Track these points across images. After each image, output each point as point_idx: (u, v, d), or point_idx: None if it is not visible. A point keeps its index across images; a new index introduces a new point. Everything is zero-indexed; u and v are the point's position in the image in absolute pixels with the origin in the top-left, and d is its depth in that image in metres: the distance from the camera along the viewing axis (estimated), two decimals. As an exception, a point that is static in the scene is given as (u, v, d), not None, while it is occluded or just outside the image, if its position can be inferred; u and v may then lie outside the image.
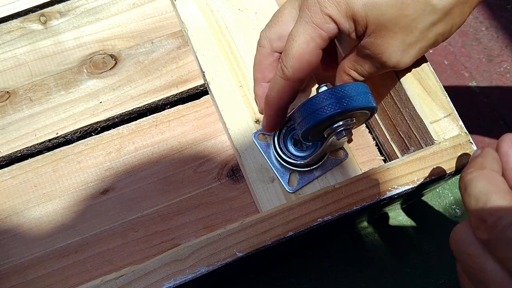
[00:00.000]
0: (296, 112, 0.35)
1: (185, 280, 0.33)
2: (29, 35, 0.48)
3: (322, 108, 0.33)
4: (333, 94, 0.33)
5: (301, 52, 0.34)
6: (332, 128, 0.35)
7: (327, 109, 0.33)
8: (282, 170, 0.41)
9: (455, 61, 1.43)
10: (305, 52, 0.34)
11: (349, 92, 0.33)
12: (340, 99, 0.33)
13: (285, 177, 0.40)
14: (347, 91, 0.33)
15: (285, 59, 0.35)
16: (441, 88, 0.39)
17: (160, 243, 0.42)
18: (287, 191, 0.40)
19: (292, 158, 0.40)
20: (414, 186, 0.35)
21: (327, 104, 0.33)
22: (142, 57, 0.48)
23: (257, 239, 0.34)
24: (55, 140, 0.45)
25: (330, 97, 0.33)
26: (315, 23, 0.33)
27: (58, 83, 0.47)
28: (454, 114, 0.38)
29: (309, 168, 0.40)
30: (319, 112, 0.33)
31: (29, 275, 0.41)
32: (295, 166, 0.40)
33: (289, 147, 0.41)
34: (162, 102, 0.47)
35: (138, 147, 0.45)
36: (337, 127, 0.35)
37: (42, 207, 0.43)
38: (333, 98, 0.33)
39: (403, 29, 0.32)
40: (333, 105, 0.33)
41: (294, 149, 0.41)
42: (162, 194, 0.43)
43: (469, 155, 0.36)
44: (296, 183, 0.40)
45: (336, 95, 0.33)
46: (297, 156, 0.40)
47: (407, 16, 0.31)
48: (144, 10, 0.49)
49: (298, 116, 0.35)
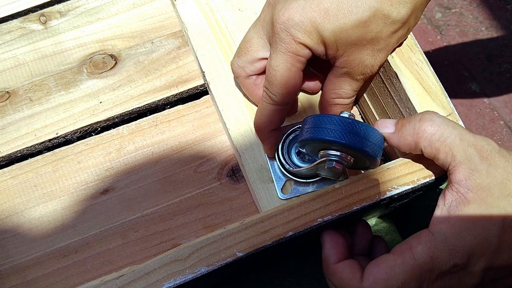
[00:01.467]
0: (310, 117, 0.35)
1: (185, 280, 0.33)
2: (29, 35, 0.48)
3: (330, 130, 0.33)
4: (348, 124, 0.33)
5: (285, 79, 0.36)
6: (327, 153, 0.35)
7: (332, 133, 0.33)
8: (280, 175, 0.41)
9: (455, 61, 1.43)
10: (289, 77, 0.36)
11: (363, 133, 0.33)
12: (351, 133, 0.33)
13: (280, 183, 0.40)
14: (363, 131, 0.33)
15: (271, 87, 0.37)
16: (441, 88, 0.39)
17: (160, 243, 0.42)
18: (278, 197, 0.40)
19: (289, 165, 0.40)
20: (414, 186, 0.35)
21: (336, 129, 0.33)
22: (142, 57, 0.48)
23: (257, 239, 0.34)
24: (55, 140, 0.45)
25: (344, 125, 0.33)
26: (291, 51, 0.36)
27: (58, 83, 0.47)
28: (454, 114, 0.38)
29: (305, 180, 0.40)
30: (324, 131, 0.33)
31: (29, 275, 0.41)
32: (291, 174, 0.40)
33: (292, 154, 0.41)
34: (162, 102, 0.47)
35: (138, 147, 0.45)
36: (331, 154, 0.35)
37: (42, 207, 0.43)
38: (345, 128, 0.33)
39: (370, 41, 0.35)
40: (340, 134, 0.33)
41: (296, 157, 0.40)
42: (162, 194, 0.43)
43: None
44: (289, 192, 0.40)
45: (350, 127, 0.33)
46: (295, 164, 0.40)
47: (371, 31, 0.35)
48: (144, 10, 0.49)
49: (308, 122, 0.35)
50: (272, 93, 0.37)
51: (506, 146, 1.33)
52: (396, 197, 0.36)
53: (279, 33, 0.35)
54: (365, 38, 0.35)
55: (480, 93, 1.39)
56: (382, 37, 0.36)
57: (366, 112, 0.46)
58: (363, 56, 0.36)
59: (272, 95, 0.37)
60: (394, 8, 0.34)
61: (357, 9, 0.34)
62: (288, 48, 0.36)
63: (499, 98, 1.38)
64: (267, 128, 0.39)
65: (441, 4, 1.49)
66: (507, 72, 1.41)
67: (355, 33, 0.35)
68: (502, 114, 1.36)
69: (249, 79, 0.41)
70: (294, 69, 0.36)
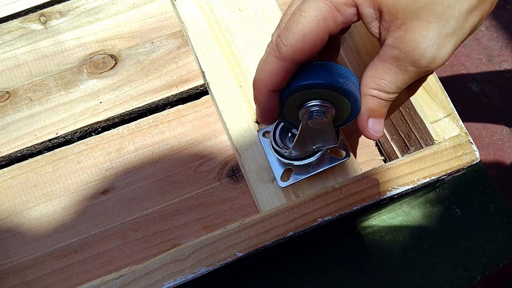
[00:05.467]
0: None
1: (185, 280, 0.33)
2: (29, 35, 0.48)
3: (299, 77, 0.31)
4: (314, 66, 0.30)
5: (307, 31, 0.29)
6: (305, 106, 0.32)
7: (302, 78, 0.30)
8: (279, 165, 0.41)
9: (455, 61, 1.43)
10: (313, 31, 0.29)
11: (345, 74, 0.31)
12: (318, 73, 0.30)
13: (279, 172, 0.40)
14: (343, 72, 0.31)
15: (285, 35, 0.30)
16: (441, 88, 0.39)
17: (160, 243, 0.42)
18: (279, 185, 0.40)
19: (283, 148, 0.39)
20: (414, 186, 0.35)
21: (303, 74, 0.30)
22: (142, 57, 0.48)
23: (257, 239, 0.34)
24: (55, 140, 0.45)
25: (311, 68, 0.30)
26: (332, 2, 0.29)
27: (58, 83, 0.47)
28: (454, 114, 0.38)
29: (303, 162, 0.39)
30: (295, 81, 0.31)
31: (29, 275, 0.41)
32: (287, 159, 0.39)
33: (286, 140, 0.40)
34: (162, 102, 0.47)
35: (138, 147, 0.45)
36: (309, 106, 0.32)
37: (42, 207, 0.43)
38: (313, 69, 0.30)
39: (438, 17, 0.28)
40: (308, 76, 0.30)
41: (290, 142, 0.40)
42: (162, 194, 0.43)
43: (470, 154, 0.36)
44: (289, 179, 0.40)
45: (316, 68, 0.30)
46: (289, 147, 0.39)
47: (442, 2, 0.27)
48: (144, 10, 0.49)
49: None
50: (283, 42, 0.30)
51: (506, 146, 1.33)
52: (396, 197, 0.36)
53: None
54: (433, 10, 0.27)
55: (480, 93, 1.39)
56: (455, 14, 0.28)
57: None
58: (425, 38, 0.28)
59: (282, 44, 0.30)
60: None
61: None
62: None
63: (499, 98, 1.38)
64: (267, 87, 0.32)
65: (441, 4, 1.49)
66: (507, 72, 1.41)
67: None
68: (502, 114, 1.36)
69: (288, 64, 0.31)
70: (323, 25, 0.29)
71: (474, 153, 0.37)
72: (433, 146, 0.37)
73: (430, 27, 0.28)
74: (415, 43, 0.28)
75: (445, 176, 0.36)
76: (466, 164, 0.36)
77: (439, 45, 0.28)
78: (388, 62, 0.30)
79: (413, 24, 0.28)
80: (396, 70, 0.30)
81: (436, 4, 0.27)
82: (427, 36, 0.28)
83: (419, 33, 0.28)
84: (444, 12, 0.27)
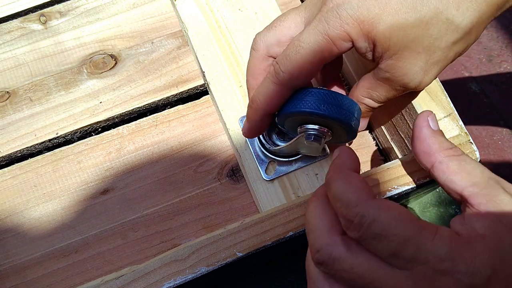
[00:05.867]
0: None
1: (185, 280, 0.33)
2: (29, 35, 0.48)
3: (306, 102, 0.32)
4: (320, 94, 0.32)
5: (304, 61, 0.32)
6: (305, 127, 0.34)
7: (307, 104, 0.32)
8: (262, 157, 0.41)
9: (455, 61, 1.43)
10: (310, 62, 0.32)
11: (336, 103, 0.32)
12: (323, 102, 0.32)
13: (264, 165, 0.41)
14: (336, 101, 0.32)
15: (284, 63, 0.32)
16: (441, 88, 0.39)
17: (160, 243, 0.42)
18: (263, 178, 0.40)
19: (270, 145, 0.40)
20: (414, 186, 0.35)
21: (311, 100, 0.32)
22: (142, 57, 0.48)
23: (257, 239, 0.34)
24: (55, 140, 0.45)
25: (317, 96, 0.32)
26: (330, 36, 0.31)
27: (58, 83, 0.47)
28: (454, 114, 0.38)
29: (287, 159, 0.40)
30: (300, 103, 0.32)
31: (29, 275, 0.41)
32: (272, 154, 0.40)
33: (273, 135, 0.41)
34: (162, 102, 0.47)
35: (138, 147, 0.45)
36: (309, 129, 0.34)
37: (42, 207, 0.43)
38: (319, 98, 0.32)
39: (426, 49, 0.31)
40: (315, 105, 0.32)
41: (276, 138, 0.41)
42: (162, 194, 0.43)
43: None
44: (273, 173, 0.40)
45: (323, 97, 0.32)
46: (276, 145, 0.40)
47: (430, 35, 0.30)
48: (144, 10, 0.49)
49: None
50: (282, 70, 0.32)
51: (506, 146, 1.33)
52: (396, 197, 0.36)
53: (327, 12, 0.31)
54: (422, 43, 0.31)
55: (480, 93, 1.39)
56: (441, 46, 0.31)
57: (366, 112, 0.46)
58: (414, 65, 0.31)
59: (281, 71, 0.32)
60: (459, 14, 0.30)
61: (421, 6, 0.30)
62: (328, 31, 0.31)
63: (499, 98, 1.38)
64: (262, 110, 0.34)
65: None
66: (507, 72, 1.41)
67: (413, 33, 0.30)
68: (502, 114, 1.36)
69: (265, 61, 0.35)
70: (319, 57, 0.31)
71: (474, 153, 0.37)
72: (433, 146, 0.37)
73: (419, 56, 0.31)
74: (405, 70, 0.32)
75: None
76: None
77: (426, 71, 0.32)
78: (380, 80, 0.33)
79: (404, 54, 0.31)
80: (387, 87, 0.34)
81: (424, 37, 0.30)
82: (416, 64, 0.31)
83: (409, 61, 0.31)
84: (432, 44, 0.31)
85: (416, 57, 0.31)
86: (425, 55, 0.31)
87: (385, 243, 0.25)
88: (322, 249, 0.27)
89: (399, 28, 0.30)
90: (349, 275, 0.26)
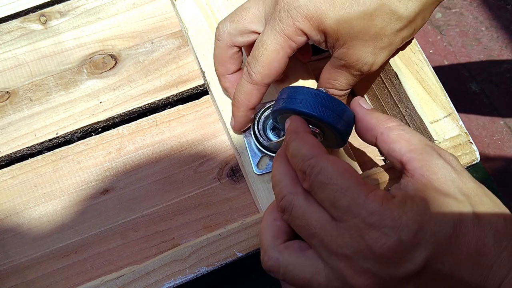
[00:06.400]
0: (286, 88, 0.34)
1: (185, 280, 0.33)
2: (29, 35, 0.48)
3: (301, 101, 0.32)
4: (321, 98, 0.32)
5: (270, 60, 0.36)
6: None
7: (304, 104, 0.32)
8: (255, 151, 0.41)
9: (455, 61, 1.44)
10: (275, 60, 0.36)
11: (336, 109, 0.32)
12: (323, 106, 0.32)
13: (256, 159, 0.41)
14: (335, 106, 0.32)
15: (253, 64, 0.36)
16: (441, 88, 0.39)
17: (160, 243, 0.42)
18: (254, 172, 0.41)
19: (263, 139, 0.40)
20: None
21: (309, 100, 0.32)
22: (142, 57, 0.48)
23: (257, 239, 0.34)
24: (55, 140, 0.45)
25: (317, 98, 0.32)
26: (286, 34, 0.35)
27: (58, 83, 0.47)
28: (454, 114, 0.38)
29: None
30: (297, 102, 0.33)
31: (29, 275, 0.41)
32: (266, 149, 0.40)
33: (267, 130, 0.41)
34: (162, 102, 0.47)
35: (138, 147, 0.45)
36: None
37: (42, 207, 0.43)
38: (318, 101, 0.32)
39: (373, 37, 0.34)
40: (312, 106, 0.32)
41: (271, 133, 0.41)
42: (162, 194, 0.43)
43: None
44: (265, 167, 0.41)
45: (323, 101, 0.32)
46: (270, 140, 0.40)
47: (375, 25, 0.34)
48: (144, 10, 0.49)
49: (283, 93, 0.34)
50: (253, 71, 0.36)
51: (506, 146, 1.33)
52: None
53: (280, 12, 0.34)
54: (368, 32, 0.34)
55: (480, 93, 1.39)
56: (386, 34, 0.35)
57: (366, 112, 0.46)
58: (363, 52, 0.35)
59: (252, 72, 0.36)
60: (402, 4, 0.34)
61: (365, 0, 0.33)
62: (284, 29, 0.34)
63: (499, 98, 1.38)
64: (244, 106, 0.38)
65: (441, 4, 1.49)
66: (507, 72, 1.41)
67: (359, 24, 0.34)
68: (502, 114, 1.36)
69: (229, 50, 0.39)
70: (282, 53, 0.35)
71: (474, 153, 0.37)
72: (433, 146, 0.37)
73: (367, 44, 0.35)
74: (356, 56, 0.35)
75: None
76: (466, 164, 0.36)
77: (376, 55, 0.36)
78: (338, 68, 0.37)
79: (353, 43, 0.35)
80: (346, 74, 0.37)
81: (370, 27, 0.34)
82: (365, 50, 0.35)
83: (359, 49, 0.35)
84: (378, 33, 0.34)
85: (364, 45, 0.35)
86: (372, 42, 0.35)
87: (326, 192, 0.28)
88: (286, 196, 0.30)
89: (344, 21, 0.33)
90: (300, 222, 0.29)
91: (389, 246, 0.26)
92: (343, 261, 0.27)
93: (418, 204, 0.27)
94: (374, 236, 0.26)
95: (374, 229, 0.26)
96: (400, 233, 0.26)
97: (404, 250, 0.26)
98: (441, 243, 0.26)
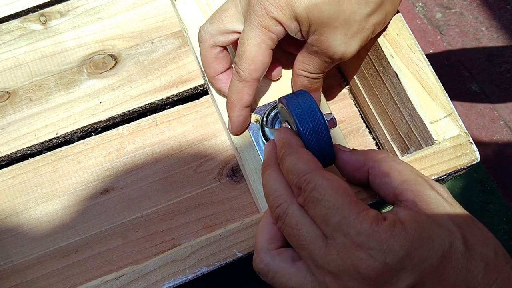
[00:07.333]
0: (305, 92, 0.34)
1: (185, 280, 0.33)
2: (29, 35, 0.48)
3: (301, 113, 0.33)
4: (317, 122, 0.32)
5: (254, 54, 0.36)
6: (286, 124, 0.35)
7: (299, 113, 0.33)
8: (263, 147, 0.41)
9: (455, 61, 1.43)
10: (258, 53, 0.36)
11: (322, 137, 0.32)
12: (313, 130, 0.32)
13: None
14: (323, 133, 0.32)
15: (239, 62, 0.37)
16: (441, 88, 0.39)
17: (160, 243, 0.42)
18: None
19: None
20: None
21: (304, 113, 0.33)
22: (142, 57, 0.48)
23: (257, 239, 0.34)
24: (55, 140, 0.45)
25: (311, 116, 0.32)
26: (263, 26, 0.36)
27: (58, 83, 0.47)
28: (454, 114, 0.38)
29: None
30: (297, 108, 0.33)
31: (29, 275, 0.41)
32: None
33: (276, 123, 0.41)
34: (162, 102, 0.47)
35: (138, 147, 0.45)
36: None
37: (42, 207, 0.43)
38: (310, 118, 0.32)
39: (342, 23, 0.35)
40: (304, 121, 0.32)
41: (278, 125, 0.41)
42: (162, 194, 0.43)
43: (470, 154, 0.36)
44: None
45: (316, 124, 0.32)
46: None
47: (344, 11, 0.34)
48: (144, 10, 0.49)
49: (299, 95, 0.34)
50: (240, 68, 0.37)
51: (506, 146, 1.33)
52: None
53: (254, 6, 0.35)
54: (338, 18, 0.34)
55: (480, 93, 1.39)
56: (356, 19, 0.35)
57: (366, 112, 0.46)
58: (334, 40, 0.35)
59: (240, 70, 0.37)
60: None
61: None
62: (260, 22, 0.35)
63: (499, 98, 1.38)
64: (238, 106, 0.39)
65: (441, 4, 1.49)
66: (507, 72, 1.41)
67: (327, 9, 0.34)
68: (502, 114, 1.36)
69: (213, 50, 0.40)
70: (264, 46, 0.36)
71: (474, 153, 0.37)
72: (433, 146, 0.37)
73: (337, 31, 0.35)
74: (327, 43, 0.36)
75: (445, 176, 0.36)
76: (466, 164, 0.36)
77: (347, 43, 0.36)
78: (311, 54, 0.38)
79: (324, 29, 0.35)
80: (317, 60, 0.38)
81: (340, 14, 0.34)
82: (336, 38, 0.35)
83: (330, 36, 0.35)
84: (347, 19, 0.35)
85: (334, 31, 0.35)
86: (342, 29, 0.35)
87: (319, 208, 0.28)
88: (281, 205, 0.30)
89: (313, 7, 0.34)
90: (293, 231, 0.29)
91: (374, 268, 0.26)
92: (329, 276, 0.27)
93: (408, 230, 0.26)
94: (360, 257, 0.26)
95: (361, 249, 0.26)
96: (386, 257, 0.26)
97: (389, 273, 0.26)
98: (427, 272, 0.26)
